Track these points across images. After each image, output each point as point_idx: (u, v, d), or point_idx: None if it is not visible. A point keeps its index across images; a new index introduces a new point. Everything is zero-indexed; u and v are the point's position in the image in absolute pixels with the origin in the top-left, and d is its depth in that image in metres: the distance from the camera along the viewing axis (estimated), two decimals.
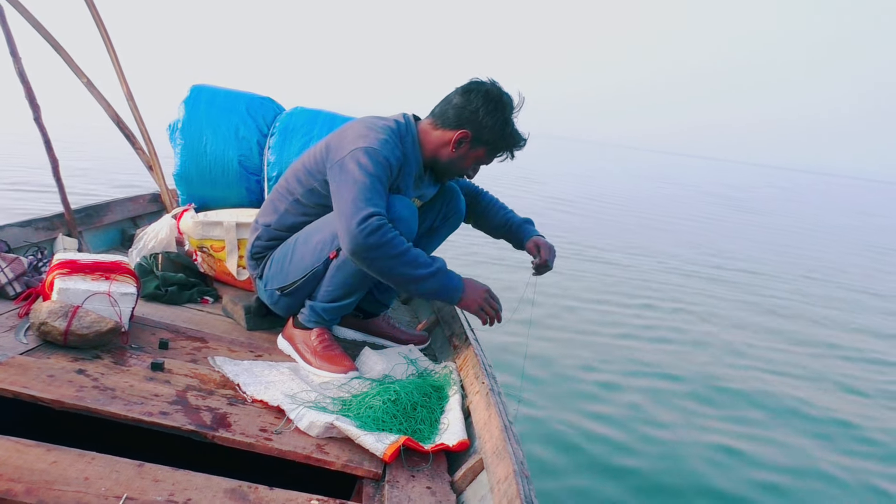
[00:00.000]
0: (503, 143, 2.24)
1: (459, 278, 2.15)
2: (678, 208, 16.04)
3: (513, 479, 1.43)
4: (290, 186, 2.27)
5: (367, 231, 1.93)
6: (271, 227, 2.30)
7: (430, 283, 2.05)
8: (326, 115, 2.93)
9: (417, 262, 2.02)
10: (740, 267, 8.56)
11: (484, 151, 2.25)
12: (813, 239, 13.68)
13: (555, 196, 14.75)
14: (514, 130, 2.23)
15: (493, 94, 2.19)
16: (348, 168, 2.04)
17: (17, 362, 1.74)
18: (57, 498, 1.24)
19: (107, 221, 3.41)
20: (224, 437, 1.60)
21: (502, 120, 2.19)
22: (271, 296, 2.32)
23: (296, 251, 2.23)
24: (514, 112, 2.23)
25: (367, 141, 2.09)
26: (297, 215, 2.26)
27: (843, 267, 10.10)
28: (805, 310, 6.58)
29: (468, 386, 2.08)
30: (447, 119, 2.22)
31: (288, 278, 2.24)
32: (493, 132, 2.20)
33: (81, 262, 2.15)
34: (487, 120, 2.18)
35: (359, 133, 2.13)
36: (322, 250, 2.17)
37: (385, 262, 1.98)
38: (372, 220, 1.94)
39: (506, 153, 2.29)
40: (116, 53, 3.27)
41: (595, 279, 6.54)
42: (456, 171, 2.31)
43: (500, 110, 2.19)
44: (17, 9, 2.86)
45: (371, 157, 2.05)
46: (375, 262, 1.98)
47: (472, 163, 2.28)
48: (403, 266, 2.00)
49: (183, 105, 2.90)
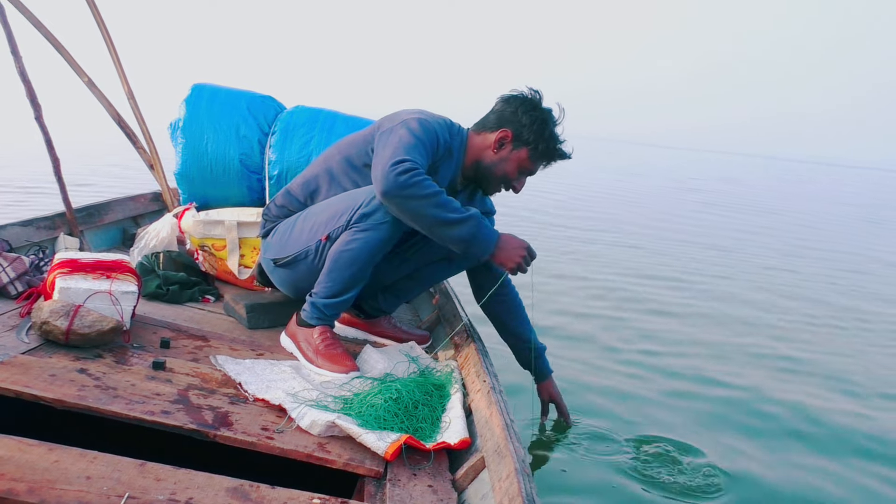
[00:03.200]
0: (544, 142, 2.26)
1: (496, 233, 2.11)
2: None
3: (514, 477, 1.43)
4: (341, 150, 2.33)
5: (399, 170, 1.96)
6: (290, 191, 2.40)
7: (461, 229, 2.01)
8: (327, 114, 2.93)
9: (449, 206, 2.01)
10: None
11: (526, 153, 2.27)
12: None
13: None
14: (553, 131, 2.28)
15: (532, 97, 2.28)
16: (397, 131, 2.10)
17: (19, 361, 1.74)
18: (59, 497, 1.24)
19: (108, 220, 3.41)
20: (226, 435, 1.60)
21: (541, 119, 2.25)
22: (266, 263, 2.42)
23: (296, 226, 2.30)
24: (553, 118, 2.28)
25: (421, 115, 2.18)
26: (323, 185, 2.35)
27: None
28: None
29: (469, 384, 2.08)
30: (488, 123, 2.31)
31: (283, 251, 2.32)
32: (532, 131, 2.24)
33: (83, 262, 2.16)
34: (526, 118, 2.24)
35: (413, 112, 2.22)
36: (316, 232, 2.22)
37: (416, 203, 1.97)
38: (406, 163, 1.97)
39: (549, 157, 2.30)
40: (117, 52, 3.27)
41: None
42: (500, 179, 2.31)
43: (539, 110, 2.26)
44: (18, 8, 2.86)
45: (421, 125, 2.12)
46: (406, 201, 1.97)
47: (515, 167, 2.29)
48: (434, 207, 1.98)
49: (184, 104, 2.90)
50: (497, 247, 2.09)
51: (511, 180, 2.33)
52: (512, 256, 2.10)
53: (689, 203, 16.01)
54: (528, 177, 2.36)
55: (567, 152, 2.34)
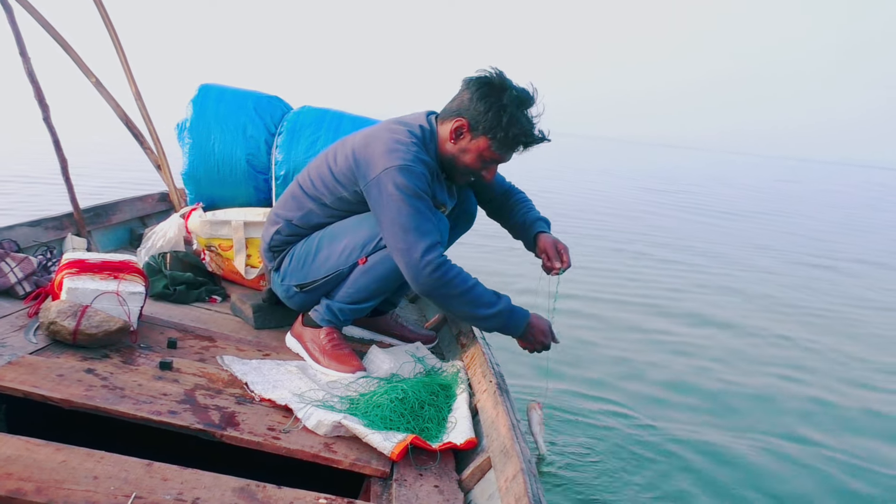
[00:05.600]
0: (502, 130, 2.06)
1: (524, 317, 2.13)
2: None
3: (521, 478, 1.43)
4: (317, 190, 2.21)
5: (431, 268, 1.97)
6: (293, 222, 2.26)
7: (493, 322, 2.08)
8: (334, 114, 2.93)
9: (482, 301, 2.04)
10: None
11: (486, 143, 2.09)
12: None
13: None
14: (515, 116, 2.05)
15: (488, 80, 2.08)
16: (388, 191, 1.99)
17: (27, 362, 1.75)
18: (66, 497, 1.24)
19: (115, 221, 3.42)
20: (232, 435, 1.61)
21: (499, 105, 2.04)
22: (287, 290, 2.30)
23: (320, 250, 2.20)
24: (517, 100, 2.06)
25: (399, 157, 2.01)
26: (323, 217, 2.22)
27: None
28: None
29: (476, 384, 2.08)
30: (446, 111, 2.15)
31: (308, 276, 2.22)
32: (488, 119, 2.05)
33: (90, 262, 2.16)
34: (482, 105, 2.05)
35: (388, 147, 2.05)
36: (350, 255, 2.14)
37: (451, 300, 2.03)
38: (433, 258, 1.97)
39: (511, 145, 2.10)
40: (125, 53, 3.28)
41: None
42: (464, 170, 2.17)
43: (495, 95, 2.05)
44: (27, 9, 2.87)
45: (409, 178, 1.99)
46: (441, 298, 2.03)
47: (476, 157, 2.13)
48: (468, 305, 2.03)
49: (191, 104, 2.91)
50: (524, 333, 2.14)
51: (476, 170, 2.17)
52: (536, 341, 2.16)
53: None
54: (498, 164, 2.20)
55: (535, 136, 2.11)
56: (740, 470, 2.80)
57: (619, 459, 2.72)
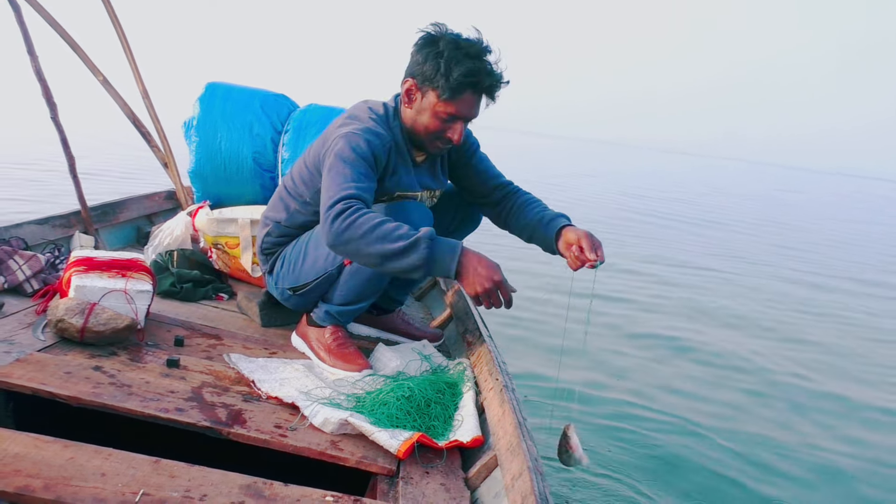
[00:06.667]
0: (442, 77, 1.96)
1: (455, 249, 1.83)
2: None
3: (527, 476, 1.43)
4: (297, 188, 2.21)
5: (334, 216, 1.81)
6: (281, 224, 2.27)
7: (414, 256, 1.78)
8: (340, 113, 2.93)
9: (392, 235, 1.78)
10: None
11: (435, 95, 1.99)
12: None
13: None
14: (453, 59, 1.95)
15: (426, 34, 2.02)
16: (330, 161, 1.96)
17: (35, 359, 1.75)
18: (74, 493, 1.25)
19: (123, 219, 3.43)
20: (239, 433, 1.61)
21: (435, 52, 1.97)
22: (282, 293, 2.30)
23: (308, 253, 2.19)
24: (456, 44, 1.97)
25: (348, 128, 2.01)
26: (307, 215, 2.23)
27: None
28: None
29: (482, 382, 2.08)
30: (401, 82, 2.09)
31: (300, 279, 2.21)
32: (428, 67, 1.97)
33: (98, 260, 2.17)
34: (419, 56, 2.00)
35: (343, 122, 2.07)
36: (336, 256, 2.11)
37: (355, 244, 1.80)
38: (338, 206, 1.81)
39: (458, 89, 1.97)
40: (132, 51, 3.29)
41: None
42: (427, 135, 2.07)
43: (432, 43, 1.99)
44: (35, 7, 2.88)
45: (349, 143, 1.95)
46: (348, 246, 1.81)
47: (431, 115, 2.02)
48: (375, 243, 1.78)
49: (198, 102, 2.91)
50: (461, 266, 1.84)
51: (438, 131, 2.05)
52: (477, 282, 1.85)
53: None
54: (462, 122, 2.05)
55: (484, 75, 1.98)
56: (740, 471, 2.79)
57: (625, 457, 2.71)
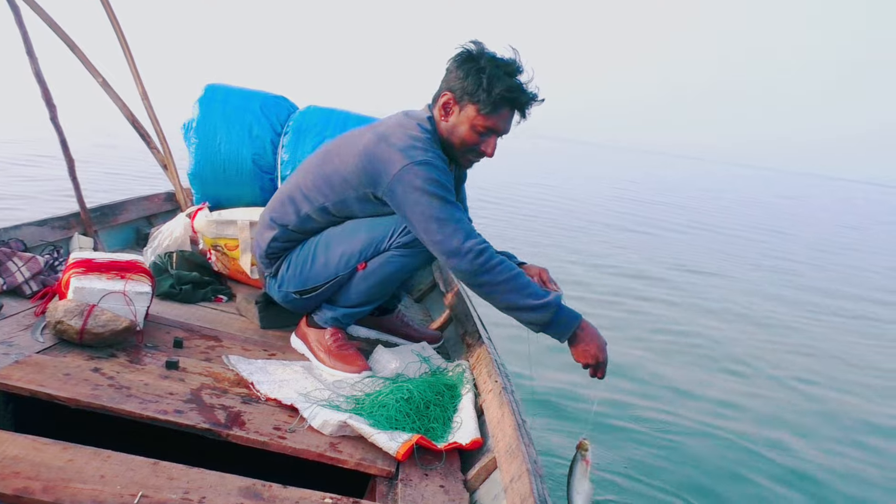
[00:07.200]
0: (484, 91, 2.03)
1: (576, 317, 1.98)
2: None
3: (526, 478, 1.43)
4: (319, 192, 2.16)
5: (474, 254, 1.92)
6: (289, 228, 2.22)
7: (540, 314, 1.95)
8: (340, 114, 2.94)
9: (528, 291, 1.95)
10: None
11: (475, 110, 2.05)
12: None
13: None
14: (494, 76, 2.02)
15: (465, 51, 2.08)
16: (414, 186, 1.96)
17: (34, 361, 1.75)
18: (73, 496, 1.24)
19: (122, 220, 3.43)
20: (238, 435, 1.61)
21: (477, 68, 2.03)
22: (285, 296, 2.28)
23: (317, 257, 2.17)
24: (497, 62, 2.04)
25: (419, 153, 1.99)
26: (322, 223, 2.19)
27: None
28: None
29: (481, 384, 2.08)
30: (436, 94, 2.14)
31: (308, 283, 2.20)
32: (469, 84, 2.04)
33: (97, 262, 2.17)
34: (460, 72, 2.05)
35: (405, 143, 2.02)
36: (350, 260, 2.12)
37: (496, 288, 1.94)
38: (475, 243, 1.93)
39: (498, 104, 2.04)
40: (132, 53, 3.29)
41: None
42: (462, 148, 2.12)
43: (472, 60, 2.06)
44: (34, 9, 2.88)
45: (433, 171, 1.97)
46: (486, 286, 1.95)
47: (469, 129, 2.08)
48: (514, 293, 1.94)
49: (197, 104, 2.91)
50: (576, 336, 1.97)
51: (474, 145, 2.12)
52: (587, 355, 1.97)
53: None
54: (497, 136, 2.13)
55: (523, 92, 2.07)
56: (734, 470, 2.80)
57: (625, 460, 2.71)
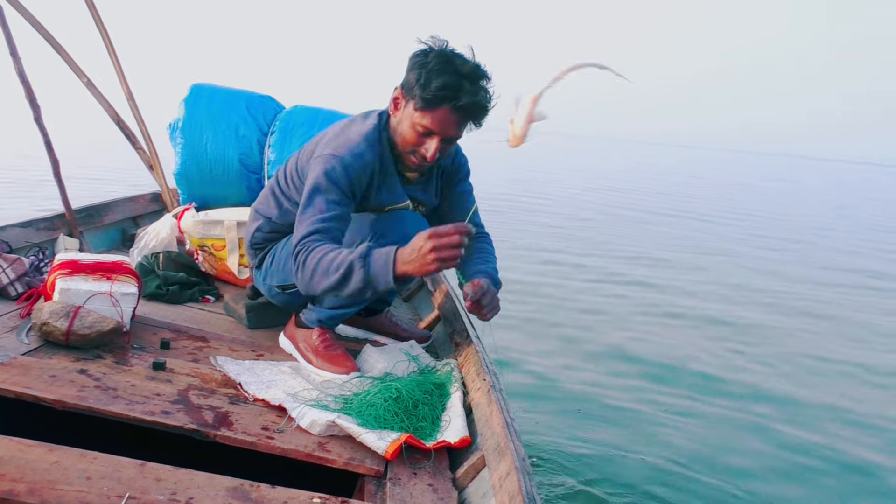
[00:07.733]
0: (420, 87, 1.88)
1: (388, 255, 1.74)
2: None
3: (514, 476, 1.43)
4: (290, 188, 2.20)
5: (295, 254, 1.89)
6: (273, 220, 2.25)
7: (352, 282, 1.77)
8: (326, 114, 2.93)
9: (331, 267, 1.78)
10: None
11: (413, 105, 1.92)
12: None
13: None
14: (435, 72, 1.86)
15: (423, 49, 1.95)
16: (307, 186, 1.98)
17: (19, 363, 1.74)
18: (59, 497, 1.24)
19: (108, 221, 3.41)
20: (226, 435, 1.61)
21: (422, 62, 1.90)
22: (269, 290, 2.31)
23: None
24: (438, 56, 1.90)
25: (339, 149, 1.97)
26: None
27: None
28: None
29: (469, 383, 2.08)
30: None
31: (289, 278, 2.20)
32: (411, 76, 1.91)
33: (83, 263, 2.16)
34: (408, 67, 1.95)
35: (333, 135, 2.05)
36: None
37: (311, 285, 1.85)
38: (296, 248, 1.88)
39: (436, 103, 1.88)
40: (116, 53, 3.27)
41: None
42: (405, 146, 1.99)
43: (423, 55, 1.92)
44: (17, 9, 2.86)
45: (325, 168, 1.94)
46: (309, 289, 1.87)
47: (409, 127, 1.95)
48: (322, 278, 1.81)
49: (183, 104, 2.90)
50: (401, 263, 1.73)
51: (414, 145, 1.97)
52: (424, 262, 1.70)
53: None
54: (438, 138, 1.94)
55: (460, 88, 1.86)
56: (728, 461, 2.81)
57: (614, 454, 2.73)
